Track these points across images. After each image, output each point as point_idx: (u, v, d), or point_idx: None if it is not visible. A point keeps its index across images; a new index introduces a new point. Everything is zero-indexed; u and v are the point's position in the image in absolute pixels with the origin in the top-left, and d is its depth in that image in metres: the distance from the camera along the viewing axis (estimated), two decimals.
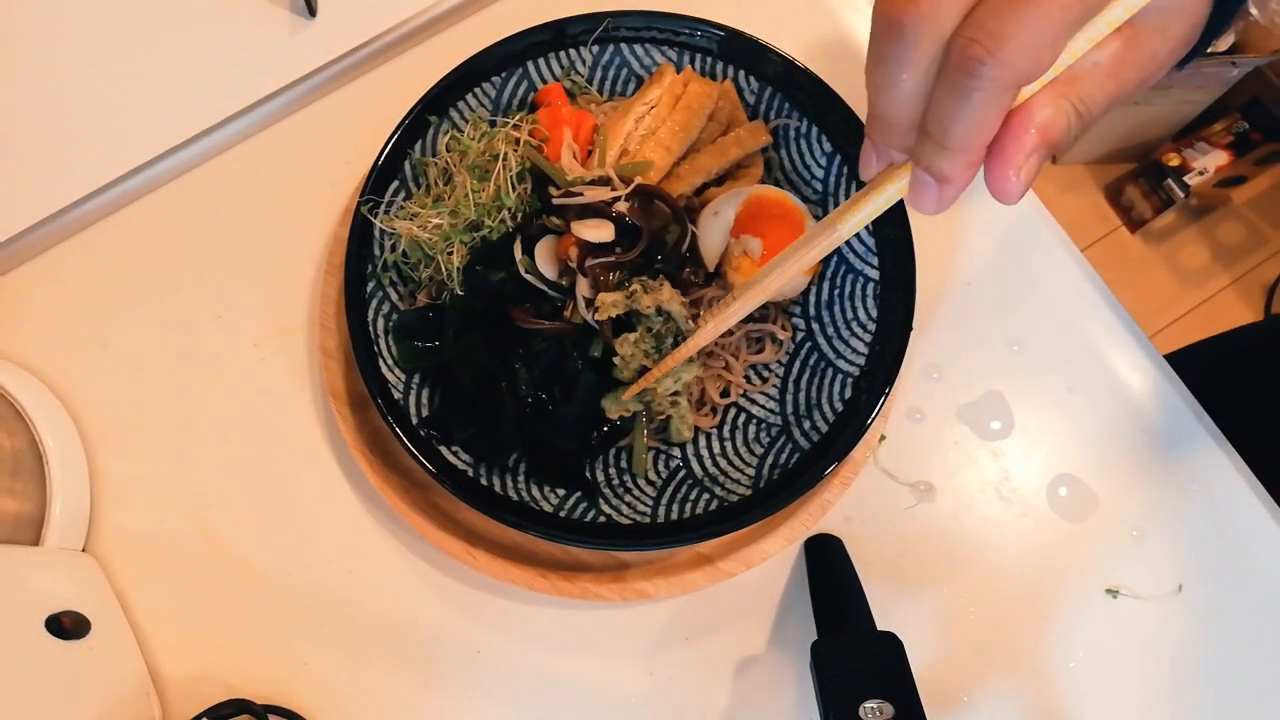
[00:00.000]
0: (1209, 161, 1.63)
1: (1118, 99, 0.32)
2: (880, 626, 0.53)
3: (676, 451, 0.60)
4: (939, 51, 0.28)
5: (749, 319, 0.62)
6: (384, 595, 0.60)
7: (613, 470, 0.60)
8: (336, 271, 0.63)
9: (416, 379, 0.59)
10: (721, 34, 0.62)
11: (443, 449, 0.57)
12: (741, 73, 0.64)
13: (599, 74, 0.66)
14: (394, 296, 0.61)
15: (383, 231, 0.60)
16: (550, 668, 0.59)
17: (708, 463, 0.60)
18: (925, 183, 0.31)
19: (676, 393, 0.57)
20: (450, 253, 0.59)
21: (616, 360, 0.56)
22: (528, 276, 0.58)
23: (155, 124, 0.67)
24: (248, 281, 0.66)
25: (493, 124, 0.62)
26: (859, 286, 0.60)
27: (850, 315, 0.60)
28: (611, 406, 0.57)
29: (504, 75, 0.63)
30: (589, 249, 0.56)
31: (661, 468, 0.60)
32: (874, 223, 0.60)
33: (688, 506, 0.57)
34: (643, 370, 0.57)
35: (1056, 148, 0.31)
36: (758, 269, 0.58)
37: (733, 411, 0.61)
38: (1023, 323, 0.66)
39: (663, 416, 0.57)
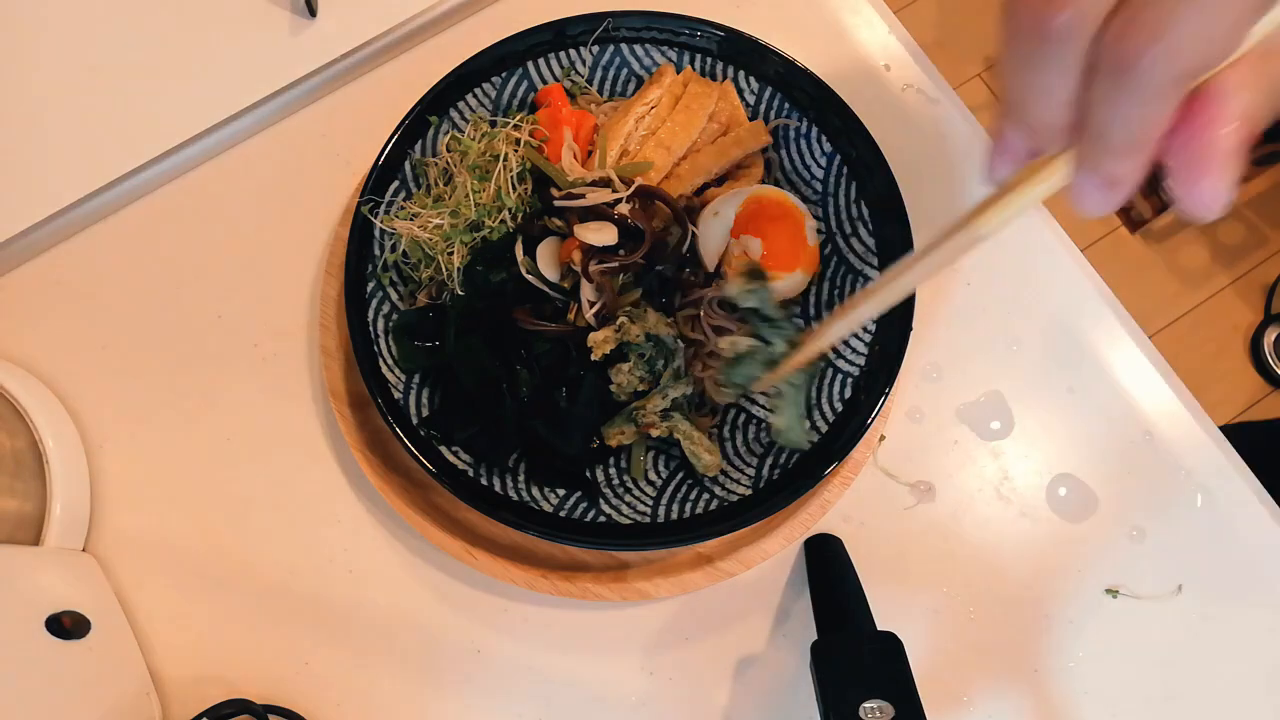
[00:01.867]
0: None
1: None
2: (880, 626, 0.53)
3: (676, 451, 0.60)
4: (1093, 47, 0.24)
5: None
6: (384, 595, 0.60)
7: (613, 470, 0.60)
8: (336, 271, 0.63)
9: (416, 379, 0.59)
10: (721, 34, 0.62)
11: (443, 449, 0.57)
12: (741, 73, 0.64)
13: (599, 74, 0.66)
14: (394, 296, 0.61)
15: (383, 231, 0.60)
16: (550, 668, 0.59)
17: None
18: (1091, 185, 0.27)
19: (668, 410, 0.57)
20: (451, 253, 0.59)
21: (613, 387, 0.57)
22: (529, 277, 0.58)
23: (155, 124, 0.67)
24: (248, 281, 0.66)
25: (493, 124, 0.62)
26: (859, 286, 0.60)
27: None
28: (611, 434, 0.58)
29: (504, 75, 0.63)
30: (592, 252, 0.56)
31: (662, 468, 0.60)
32: (873, 223, 0.60)
33: (688, 506, 0.57)
34: (638, 393, 0.57)
35: (1254, 140, 0.26)
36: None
37: (733, 411, 0.61)
38: (1023, 323, 0.66)
39: (661, 435, 0.57)
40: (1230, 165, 0.25)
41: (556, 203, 0.58)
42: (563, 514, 0.56)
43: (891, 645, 0.49)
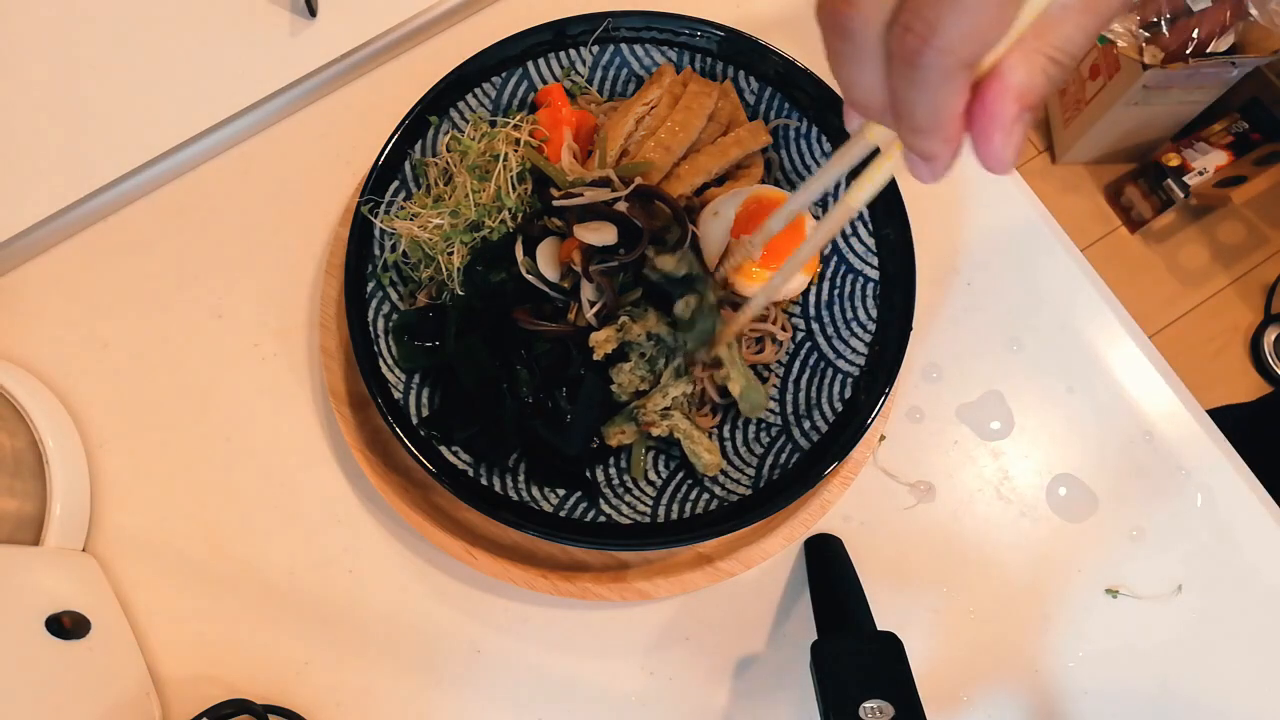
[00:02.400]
0: (1209, 161, 1.63)
1: (1098, 30, 0.30)
2: (880, 626, 0.53)
3: (676, 451, 0.60)
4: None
5: None
6: (384, 595, 0.60)
7: (613, 470, 0.60)
8: (336, 271, 0.63)
9: (416, 379, 0.59)
10: (721, 34, 0.62)
11: (443, 449, 0.57)
12: (741, 73, 0.64)
13: (599, 74, 0.66)
14: (394, 296, 0.61)
15: (383, 231, 0.60)
16: (550, 667, 0.59)
17: None
18: (912, 160, 0.31)
19: (669, 408, 0.57)
20: (451, 253, 0.59)
21: (614, 387, 0.57)
22: (529, 277, 0.58)
23: (155, 124, 0.67)
24: (248, 281, 0.66)
25: (493, 124, 0.62)
26: (859, 286, 0.60)
27: (850, 315, 0.60)
28: (612, 434, 0.58)
29: (504, 75, 0.63)
30: (592, 252, 0.56)
31: (662, 468, 0.60)
32: (873, 223, 0.60)
33: (688, 506, 0.57)
34: (639, 393, 0.57)
35: (1040, 105, 0.30)
36: (758, 269, 0.58)
37: (732, 411, 0.61)
38: (1023, 323, 0.66)
39: (661, 434, 0.57)
40: (1013, 131, 0.28)
41: (556, 203, 0.58)
42: (563, 514, 0.56)
43: (891, 645, 0.49)
